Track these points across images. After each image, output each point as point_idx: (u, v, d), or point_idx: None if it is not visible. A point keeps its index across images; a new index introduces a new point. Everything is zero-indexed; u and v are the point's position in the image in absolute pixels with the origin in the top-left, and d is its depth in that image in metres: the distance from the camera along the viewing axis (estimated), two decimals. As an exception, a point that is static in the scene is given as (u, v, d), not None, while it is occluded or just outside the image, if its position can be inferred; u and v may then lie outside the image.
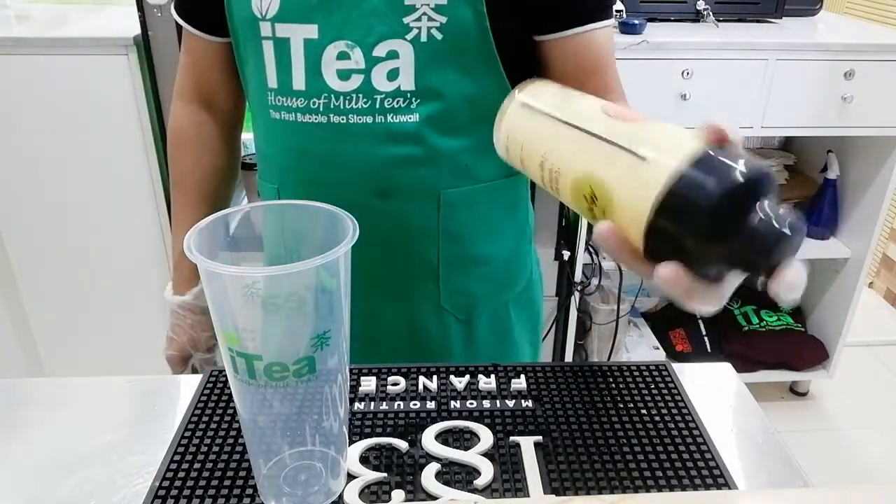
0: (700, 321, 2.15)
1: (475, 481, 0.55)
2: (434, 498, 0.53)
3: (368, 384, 0.66)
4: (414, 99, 0.68)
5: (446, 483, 0.54)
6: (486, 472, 0.55)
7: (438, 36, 0.66)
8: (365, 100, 0.68)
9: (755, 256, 0.38)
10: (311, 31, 0.67)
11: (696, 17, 1.74)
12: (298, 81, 0.69)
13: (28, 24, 1.68)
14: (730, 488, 0.55)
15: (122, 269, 1.69)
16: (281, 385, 0.46)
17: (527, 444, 0.59)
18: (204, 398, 0.64)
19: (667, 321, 2.20)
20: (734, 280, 0.41)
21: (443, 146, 0.71)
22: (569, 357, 1.91)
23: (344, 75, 0.68)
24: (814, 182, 2.00)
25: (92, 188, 1.61)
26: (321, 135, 0.70)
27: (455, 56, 0.67)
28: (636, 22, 1.59)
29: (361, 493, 0.53)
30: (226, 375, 0.62)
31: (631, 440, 0.59)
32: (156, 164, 1.58)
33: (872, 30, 1.86)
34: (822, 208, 1.92)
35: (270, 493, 0.52)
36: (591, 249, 1.84)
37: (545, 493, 0.54)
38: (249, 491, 0.54)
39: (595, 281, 1.87)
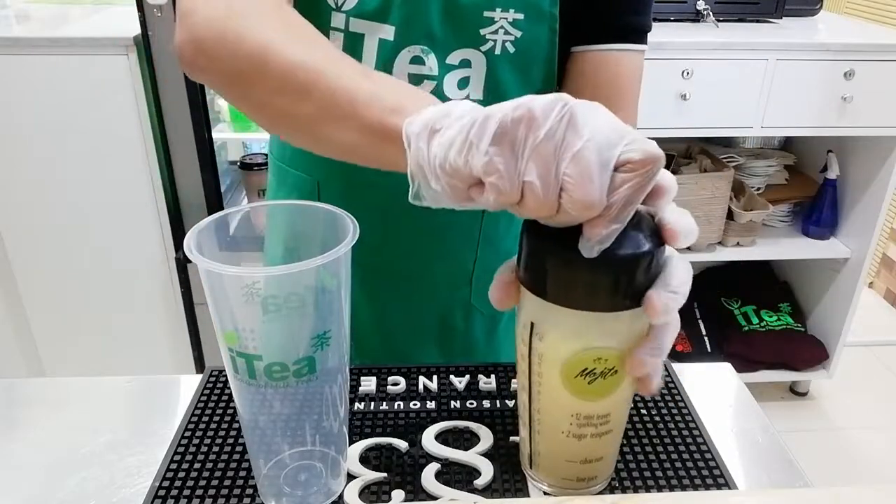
0: (700, 321, 2.15)
1: (475, 481, 0.55)
2: (434, 498, 0.53)
3: (368, 384, 0.66)
4: None
5: (446, 483, 0.54)
6: (486, 472, 0.55)
7: (511, 49, 0.66)
8: None
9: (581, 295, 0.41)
10: (388, 31, 0.65)
11: (696, 17, 1.74)
12: None
13: (28, 24, 1.68)
14: (730, 488, 0.54)
15: (122, 269, 1.69)
16: (281, 385, 0.46)
17: (527, 444, 0.59)
18: (204, 398, 0.64)
19: (667, 321, 2.20)
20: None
21: None
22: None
23: (416, 80, 0.66)
24: (814, 182, 2.00)
25: (92, 188, 1.61)
26: None
27: (524, 70, 0.67)
28: (636, 22, 1.59)
29: (361, 493, 0.53)
30: (226, 375, 0.62)
31: (631, 440, 0.59)
32: (156, 164, 1.58)
33: (872, 30, 1.86)
34: (822, 208, 1.92)
35: (270, 493, 0.52)
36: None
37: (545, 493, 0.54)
38: (249, 491, 0.54)
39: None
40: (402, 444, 0.58)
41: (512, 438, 0.59)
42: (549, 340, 0.44)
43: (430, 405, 0.63)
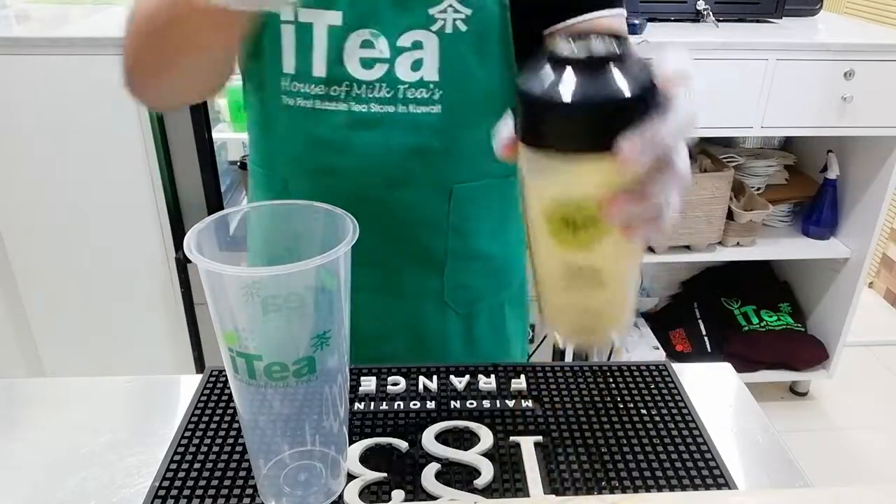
0: (700, 321, 2.15)
1: (475, 481, 0.55)
2: (434, 498, 0.53)
3: (368, 384, 0.66)
4: (437, 90, 0.68)
5: (446, 483, 0.54)
6: (486, 472, 0.55)
7: (463, 28, 0.66)
8: (388, 89, 0.68)
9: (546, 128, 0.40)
10: (335, 17, 0.66)
11: (696, 17, 1.74)
12: (319, 68, 0.68)
13: (28, 24, 1.68)
14: (730, 488, 0.55)
15: (122, 269, 1.69)
16: (281, 385, 0.46)
17: (527, 444, 0.59)
18: (204, 398, 0.64)
19: (667, 321, 2.20)
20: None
21: (462, 139, 0.71)
22: (569, 357, 1.91)
23: (367, 64, 0.67)
24: (814, 182, 2.00)
25: (92, 188, 1.61)
26: (339, 123, 0.70)
27: (478, 48, 0.68)
28: (636, 22, 1.59)
29: (361, 493, 0.53)
30: (226, 375, 0.62)
31: (631, 440, 0.59)
32: (156, 164, 1.58)
33: (872, 30, 1.86)
34: (822, 208, 1.92)
35: (270, 493, 0.52)
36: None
37: (545, 493, 0.54)
38: (249, 491, 0.54)
39: (595, 281, 1.86)
40: (402, 444, 0.58)
41: (512, 438, 0.59)
42: (533, 187, 0.44)
43: (430, 405, 0.63)
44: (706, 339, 2.11)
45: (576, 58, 0.38)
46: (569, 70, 0.38)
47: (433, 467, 0.56)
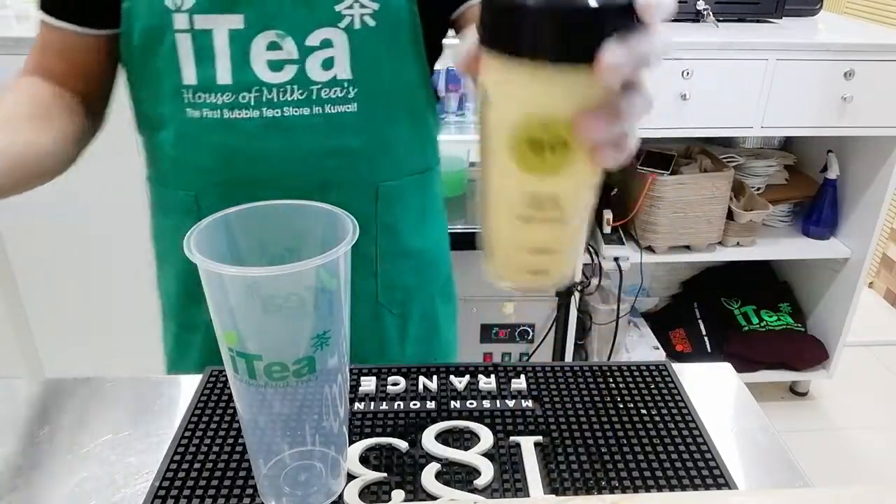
0: (700, 321, 2.15)
1: (475, 481, 0.55)
2: (434, 498, 0.53)
3: (368, 384, 0.66)
4: (351, 88, 0.67)
5: (446, 483, 0.54)
6: (486, 472, 0.55)
7: (371, 23, 0.65)
8: (300, 91, 0.66)
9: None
10: (237, 21, 0.64)
11: (696, 17, 1.74)
12: (224, 76, 0.65)
13: (28, 24, 1.68)
14: (730, 488, 0.55)
15: (122, 269, 1.69)
16: (281, 385, 0.46)
17: (527, 444, 0.59)
18: (204, 398, 0.64)
19: (667, 321, 2.20)
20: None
21: (381, 136, 0.71)
22: (569, 357, 1.91)
23: (276, 66, 0.65)
24: (814, 182, 2.00)
25: (91, 188, 1.61)
26: (251, 130, 0.67)
27: (389, 43, 0.67)
28: (636, 22, 1.59)
29: (361, 493, 0.53)
30: (226, 375, 0.62)
31: (631, 440, 0.59)
32: (156, 164, 1.58)
33: (872, 30, 1.86)
34: (822, 208, 1.92)
35: (270, 493, 0.52)
36: (590, 249, 1.85)
37: (545, 493, 0.54)
38: (249, 491, 0.54)
39: (595, 281, 1.87)
40: (402, 444, 0.58)
41: (512, 438, 0.59)
42: (496, 102, 0.40)
43: (430, 405, 0.63)
44: (706, 339, 2.11)
45: None
46: None
47: (433, 467, 0.56)
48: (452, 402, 0.64)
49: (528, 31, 0.36)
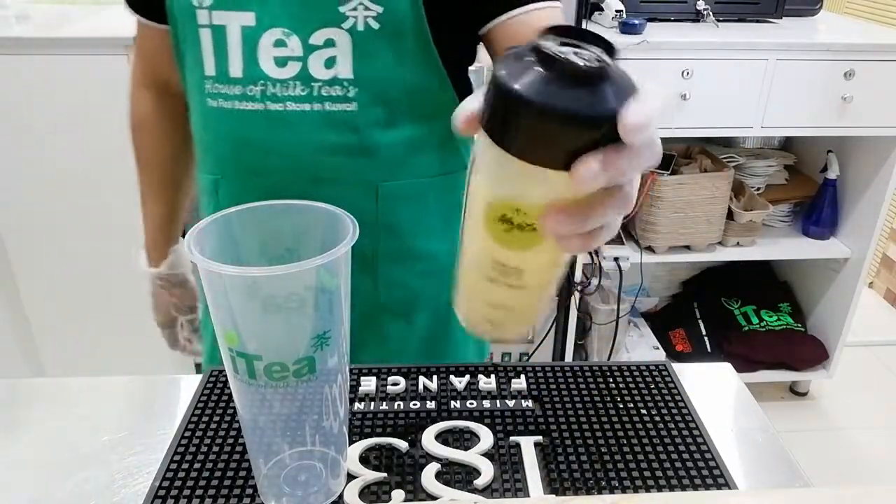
0: (700, 321, 2.15)
1: (475, 481, 0.55)
2: (434, 498, 0.53)
3: (368, 384, 0.66)
4: (352, 87, 0.68)
5: (446, 483, 0.54)
6: (486, 472, 0.55)
7: (375, 25, 0.66)
8: (302, 87, 0.68)
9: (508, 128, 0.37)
10: (248, 18, 0.67)
11: (696, 17, 1.74)
12: (235, 69, 0.69)
13: (28, 24, 1.68)
14: (730, 488, 0.55)
15: (122, 269, 1.69)
16: (281, 385, 0.46)
17: (527, 444, 0.59)
18: (204, 398, 0.64)
19: (667, 321, 2.20)
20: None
21: (381, 137, 0.71)
22: (569, 357, 1.91)
23: (281, 62, 0.68)
24: (814, 182, 2.00)
25: (92, 188, 1.61)
26: (258, 122, 0.70)
27: (392, 46, 0.68)
28: (636, 22, 1.59)
29: (361, 493, 0.53)
30: (226, 375, 0.62)
31: (631, 440, 0.59)
32: (156, 164, 1.58)
33: (872, 30, 1.86)
34: (822, 208, 1.92)
35: (270, 493, 0.52)
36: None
37: (545, 493, 0.54)
38: (249, 491, 0.54)
39: (595, 281, 1.87)
40: (402, 444, 0.58)
41: (512, 438, 0.59)
42: (480, 178, 0.42)
43: (430, 405, 0.63)
44: (706, 339, 2.10)
45: (568, 64, 0.35)
46: (554, 74, 0.35)
47: (433, 467, 0.56)
48: (452, 402, 0.64)
49: (512, 126, 0.37)
